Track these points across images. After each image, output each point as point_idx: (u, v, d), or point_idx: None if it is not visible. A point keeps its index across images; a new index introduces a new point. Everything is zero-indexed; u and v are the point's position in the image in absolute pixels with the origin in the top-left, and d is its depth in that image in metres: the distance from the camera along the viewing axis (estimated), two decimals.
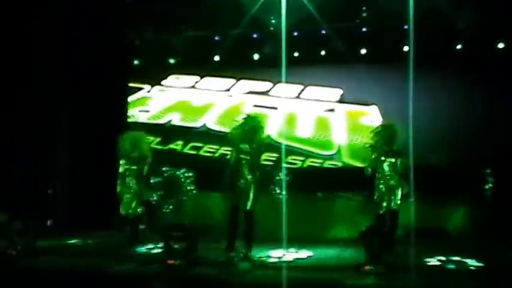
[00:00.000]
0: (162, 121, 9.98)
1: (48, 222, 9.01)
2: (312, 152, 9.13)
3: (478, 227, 8.36)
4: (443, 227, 8.65)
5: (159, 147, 9.71)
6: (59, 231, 8.46)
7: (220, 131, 9.54)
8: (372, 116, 9.14)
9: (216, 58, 9.70)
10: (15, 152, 8.73)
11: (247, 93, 9.85)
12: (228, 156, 7.08)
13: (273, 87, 9.72)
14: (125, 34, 9.57)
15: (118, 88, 9.78)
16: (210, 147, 9.67)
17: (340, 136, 9.18)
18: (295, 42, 9.17)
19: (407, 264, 6.45)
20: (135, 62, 9.98)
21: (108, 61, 9.42)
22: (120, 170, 7.50)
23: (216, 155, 9.56)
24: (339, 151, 9.06)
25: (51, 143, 9.40)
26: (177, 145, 9.78)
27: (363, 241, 6.33)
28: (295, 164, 9.18)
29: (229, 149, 7.13)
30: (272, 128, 9.42)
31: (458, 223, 8.61)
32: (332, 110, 9.36)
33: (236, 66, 9.84)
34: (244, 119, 7.04)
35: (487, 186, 8.68)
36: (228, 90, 9.95)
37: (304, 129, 9.42)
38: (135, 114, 10.07)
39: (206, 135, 9.74)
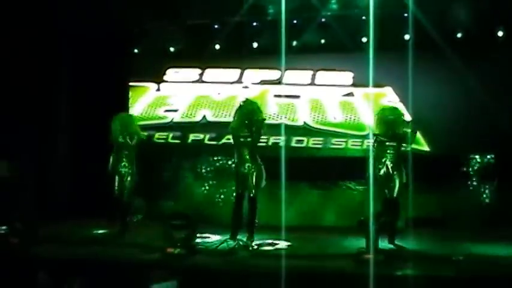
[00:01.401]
0: (196, 119, 9.82)
1: None
2: (350, 134, 9.11)
3: (478, 215, 8.35)
4: (442, 216, 8.64)
5: (213, 142, 9.65)
6: (59, 219, 8.48)
7: None
8: (390, 97, 9.16)
9: (217, 47, 9.62)
10: (16, 142, 8.76)
11: (261, 83, 9.72)
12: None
13: (282, 75, 9.58)
14: (124, 23, 9.52)
15: (118, 77, 9.70)
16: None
17: (367, 117, 9.15)
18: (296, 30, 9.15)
19: (407, 253, 6.51)
20: (135, 50, 9.93)
21: (108, 50, 9.38)
22: (113, 152, 7.62)
23: (269, 143, 9.33)
24: (371, 131, 8.92)
25: (51, 131, 9.40)
26: (228, 139, 9.27)
27: (363, 230, 6.37)
28: (340, 145, 9.21)
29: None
30: (305, 116, 9.44)
31: (457, 212, 8.62)
32: (351, 94, 9.37)
33: (236, 55, 9.76)
34: (242, 104, 7.06)
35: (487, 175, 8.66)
36: (240, 81, 9.83)
37: (334, 114, 9.42)
38: (164, 114, 9.92)
39: None
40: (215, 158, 9.49)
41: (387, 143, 6.95)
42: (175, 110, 9.88)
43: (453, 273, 5.54)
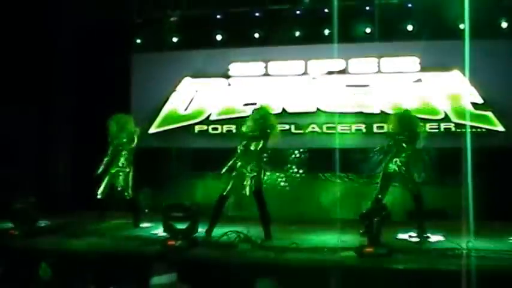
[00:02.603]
0: (277, 111, 9.46)
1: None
2: (426, 119, 8.89)
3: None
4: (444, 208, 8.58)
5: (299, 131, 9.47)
6: (61, 211, 8.47)
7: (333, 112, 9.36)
8: (459, 80, 8.97)
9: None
10: (17, 133, 8.73)
11: (328, 73, 9.52)
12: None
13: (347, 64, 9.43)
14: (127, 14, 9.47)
15: (120, 69, 9.69)
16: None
17: (439, 101, 9.08)
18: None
19: (409, 246, 6.48)
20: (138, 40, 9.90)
21: (110, 42, 9.33)
22: (110, 149, 7.74)
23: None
24: (446, 115, 8.98)
25: (53, 123, 9.38)
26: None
27: (364, 223, 6.33)
28: (415, 133, 8.94)
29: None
30: (380, 104, 9.23)
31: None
32: (420, 80, 9.20)
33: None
34: (255, 111, 7.20)
35: None
36: (306, 73, 9.60)
37: (407, 100, 9.06)
38: (243, 108, 9.58)
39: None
40: None
41: (403, 144, 6.99)
42: (254, 103, 9.32)
43: (456, 266, 5.51)
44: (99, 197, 7.67)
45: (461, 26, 8.35)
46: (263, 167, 7.07)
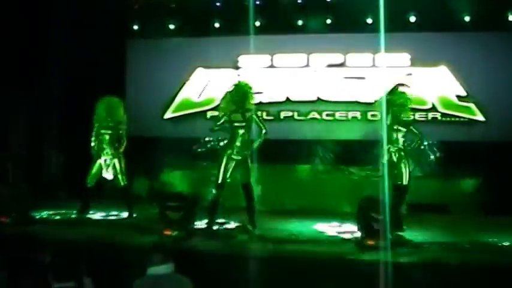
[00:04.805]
0: (279, 99, 9.69)
1: None
2: (415, 109, 8.87)
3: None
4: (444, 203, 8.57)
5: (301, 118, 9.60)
6: (53, 200, 8.35)
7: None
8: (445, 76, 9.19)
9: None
10: (8, 120, 8.59)
11: (328, 66, 9.59)
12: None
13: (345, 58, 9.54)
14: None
15: (114, 54, 9.54)
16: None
17: (427, 93, 9.31)
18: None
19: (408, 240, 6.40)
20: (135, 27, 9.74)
21: (105, 28, 9.18)
22: (93, 133, 7.58)
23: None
24: (433, 105, 9.28)
25: (44, 110, 9.24)
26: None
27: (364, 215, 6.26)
28: (408, 117, 8.81)
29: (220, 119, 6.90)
30: (375, 94, 8.86)
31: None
32: (410, 74, 9.32)
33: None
34: (234, 87, 6.83)
35: None
36: (308, 65, 9.67)
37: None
38: None
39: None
40: None
41: (394, 127, 6.85)
42: (260, 92, 9.40)
43: (457, 260, 5.46)
44: (88, 185, 7.53)
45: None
46: (249, 154, 6.80)
